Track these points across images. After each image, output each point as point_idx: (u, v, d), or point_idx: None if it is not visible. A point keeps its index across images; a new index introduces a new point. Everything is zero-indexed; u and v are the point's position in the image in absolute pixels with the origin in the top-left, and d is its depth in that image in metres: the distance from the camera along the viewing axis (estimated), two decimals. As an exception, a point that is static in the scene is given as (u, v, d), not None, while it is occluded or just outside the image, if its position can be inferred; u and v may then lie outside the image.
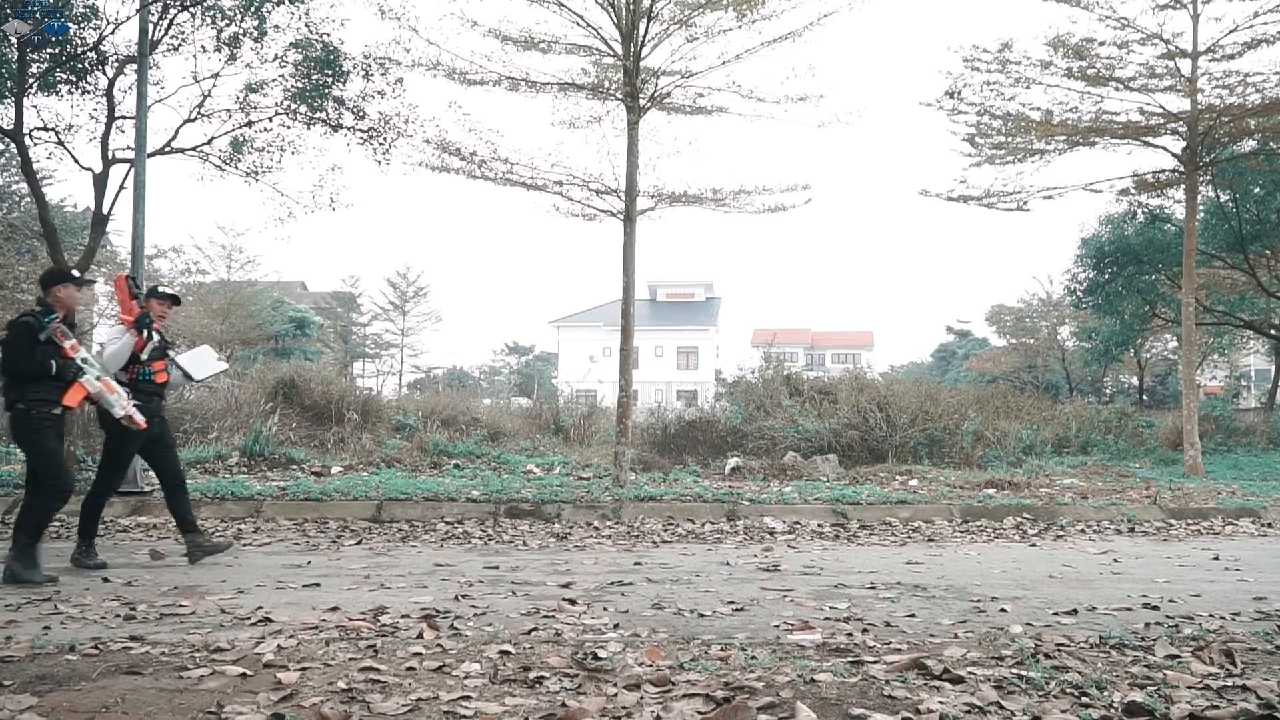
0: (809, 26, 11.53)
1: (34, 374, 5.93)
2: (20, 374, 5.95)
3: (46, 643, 4.14)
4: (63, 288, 6.29)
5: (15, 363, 5.95)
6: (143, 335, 6.74)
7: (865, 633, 4.56)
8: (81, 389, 6.08)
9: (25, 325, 5.98)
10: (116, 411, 6.27)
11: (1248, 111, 14.42)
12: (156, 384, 6.90)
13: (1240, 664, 3.89)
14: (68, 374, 6.03)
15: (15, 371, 5.96)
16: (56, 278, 6.36)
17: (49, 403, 6.00)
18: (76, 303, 6.31)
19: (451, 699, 3.33)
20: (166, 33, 11.98)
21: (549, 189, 12.16)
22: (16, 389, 5.99)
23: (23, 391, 5.98)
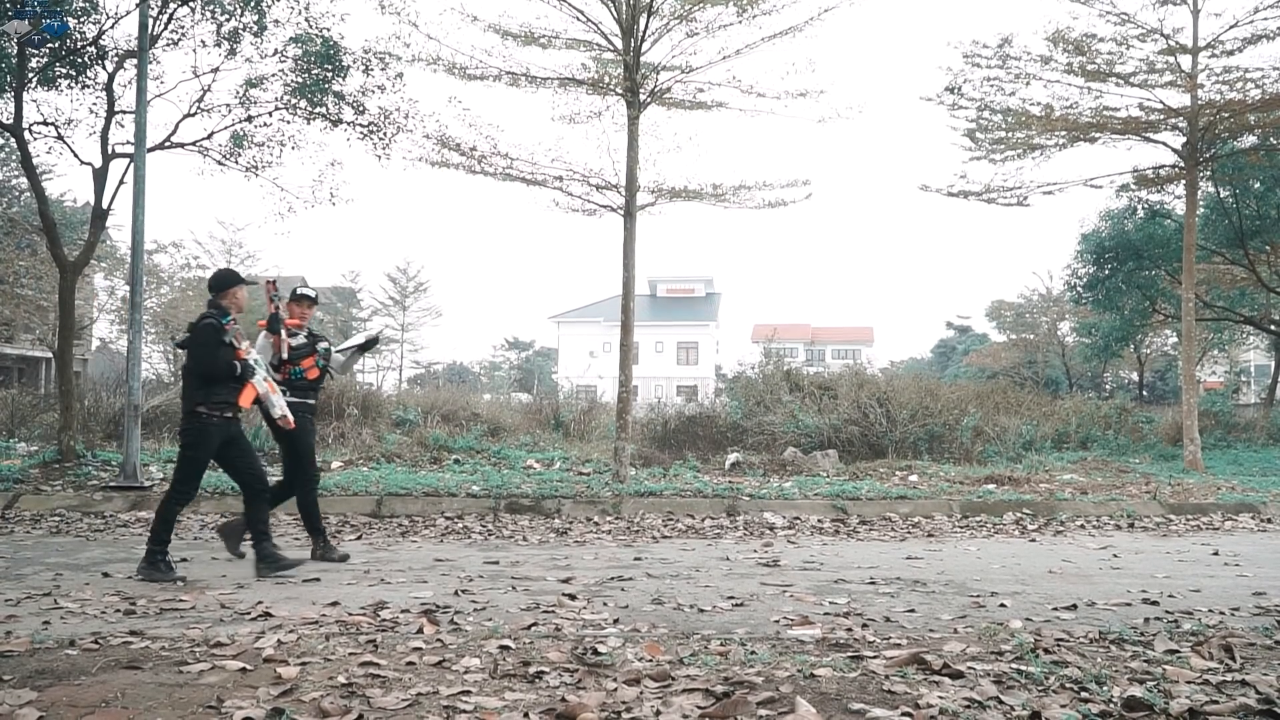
0: (809, 22, 11.51)
1: (222, 374, 6.05)
2: (209, 374, 6.05)
3: (46, 637, 4.14)
4: (238, 289, 6.37)
5: (204, 363, 6.04)
6: (279, 335, 6.85)
7: (865, 628, 4.57)
8: (253, 389, 6.21)
9: (211, 327, 6.09)
10: (275, 411, 6.41)
11: (1248, 107, 14.40)
12: (309, 380, 7.04)
13: (1239, 659, 3.89)
14: (248, 374, 6.16)
15: (204, 371, 6.05)
16: (231, 280, 6.41)
17: (228, 404, 6.13)
18: (243, 305, 6.39)
19: (451, 694, 3.33)
20: (166, 27, 11.97)
21: (549, 184, 12.15)
22: (202, 389, 6.08)
23: (207, 392, 6.08)
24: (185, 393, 6.18)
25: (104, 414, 14.83)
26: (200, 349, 6.04)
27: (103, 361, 41.01)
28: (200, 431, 6.08)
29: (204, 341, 6.04)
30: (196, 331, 6.09)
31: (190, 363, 6.12)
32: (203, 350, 6.03)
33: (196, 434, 6.09)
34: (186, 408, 6.14)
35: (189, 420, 6.11)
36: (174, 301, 35.66)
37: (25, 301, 27.48)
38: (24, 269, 25.66)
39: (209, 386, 6.05)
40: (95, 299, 32.87)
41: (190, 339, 6.12)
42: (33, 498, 9.81)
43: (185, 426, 6.14)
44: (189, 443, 6.13)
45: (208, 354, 6.02)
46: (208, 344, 6.03)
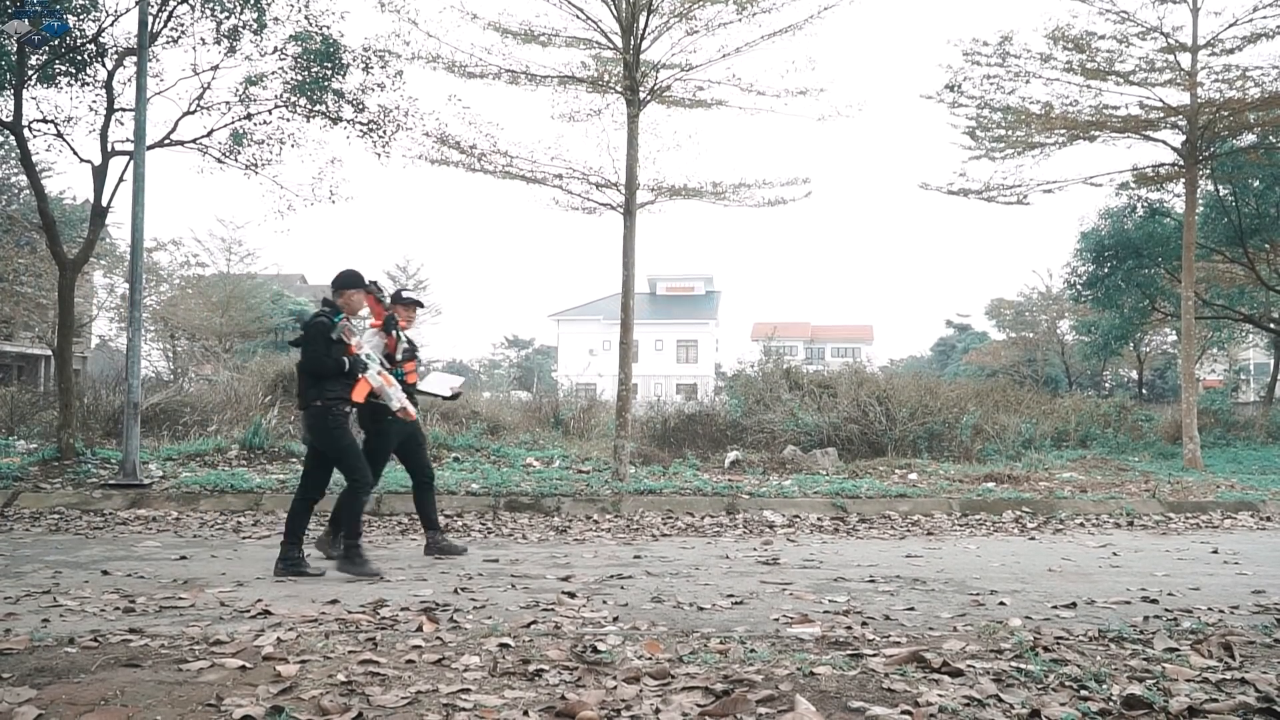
0: (809, 20, 11.50)
1: (332, 371, 6.14)
2: (320, 371, 6.14)
3: (45, 635, 4.14)
4: (355, 292, 6.47)
5: (315, 361, 6.15)
6: (392, 337, 6.96)
7: (864, 626, 4.57)
8: (366, 384, 6.29)
9: (321, 325, 6.19)
10: (394, 405, 6.50)
11: (1247, 106, 14.40)
12: (409, 384, 7.11)
13: (1239, 657, 3.89)
14: (358, 370, 6.25)
15: (315, 369, 6.15)
16: (350, 282, 6.49)
17: (343, 400, 6.21)
18: (361, 306, 6.54)
19: (451, 692, 3.33)
20: (166, 25, 11.97)
21: (549, 182, 12.14)
22: (315, 386, 6.18)
23: (320, 389, 6.17)
24: (300, 389, 6.30)
25: (103, 412, 14.83)
26: (310, 347, 6.17)
27: (102, 359, 41.00)
28: (336, 421, 6.19)
29: (314, 339, 6.17)
30: (307, 330, 6.23)
31: (301, 360, 6.25)
32: (312, 348, 6.16)
33: (330, 425, 6.20)
34: (304, 404, 6.27)
35: (317, 416, 6.20)
36: (173, 299, 35.67)
37: (25, 299, 27.49)
38: (23, 266, 25.65)
39: (321, 383, 6.18)
40: (95, 297, 32.85)
41: (301, 337, 6.26)
42: (32, 495, 9.81)
43: (315, 423, 6.23)
44: (328, 436, 6.22)
45: (317, 352, 6.14)
46: (316, 342, 6.16)
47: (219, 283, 37.54)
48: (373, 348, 6.74)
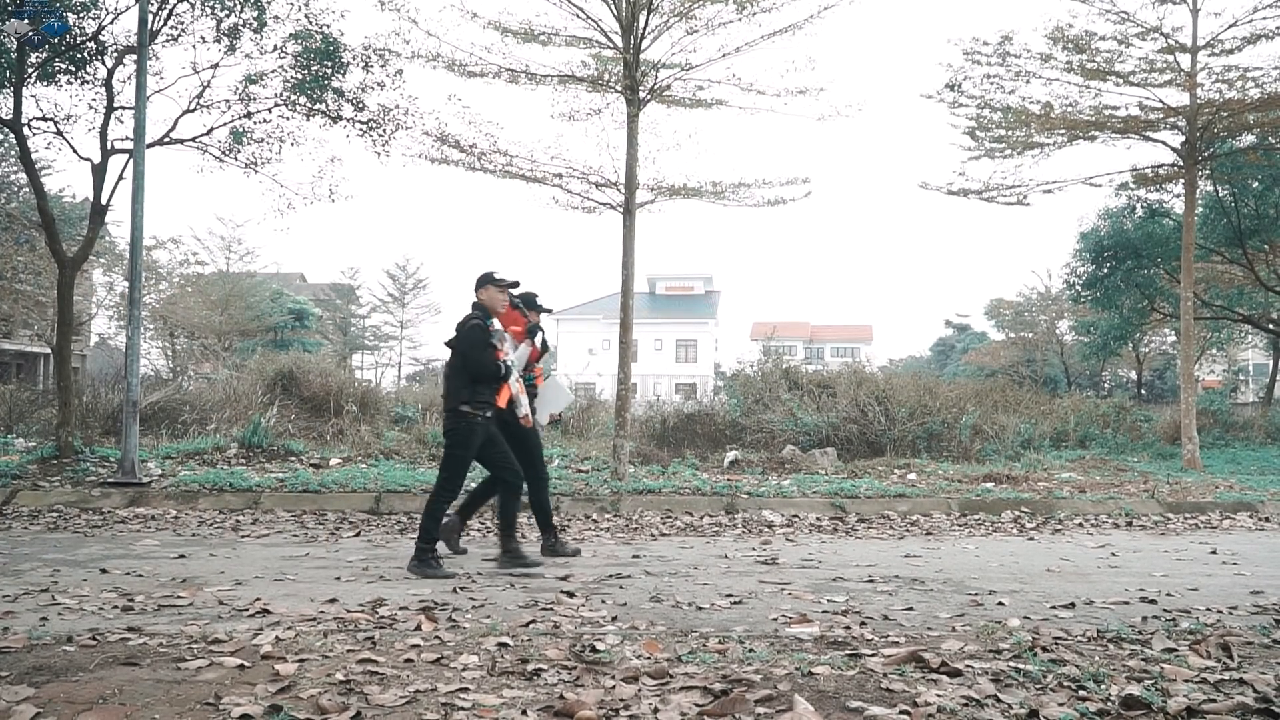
0: (809, 19, 11.50)
1: (491, 374, 6.20)
2: (480, 374, 6.19)
3: (44, 633, 4.14)
4: (484, 290, 6.47)
5: (478, 364, 6.18)
6: (536, 345, 6.97)
7: (863, 626, 4.57)
8: (508, 389, 6.35)
9: (480, 328, 6.24)
10: (520, 411, 6.57)
11: (1247, 106, 14.40)
12: (536, 388, 7.24)
13: (1237, 657, 3.90)
14: (507, 375, 6.31)
15: (476, 372, 6.19)
16: (484, 280, 6.51)
17: (489, 404, 6.25)
18: (500, 303, 6.53)
19: (449, 691, 3.33)
20: (166, 23, 11.95)
21: (548, 181, 12.14)
22: (468, 389, 6.20)
23: (473, 392, 6.20)
24: (449, 392, 6.31)
25: (102, 410, 14.82)
26: (471, 349, 6.20)
27: (101, 357, 41.01)
28: (468, 431, 6.22)
29: (474, 342, 6.20)
30: (465, 332, 6.25)
31: (458, 362, 6.26)
32: (474, 351, 6.19)
33: (464, 433, 6.23)
34: (450, 406, 6.28)
35: (455, 419, 6.24)
36: (173, 298, 35.67)
37: (24, 297, 27.51)
38: (23, 264, 25.66)
39: (474, 386, 6.21)
40: (94, 295, 32.87)
41: (459, 339, 6.27)
42: (30, 493, 9.81)
43: (451, 426, 6.27)
44: (456, 441, 6.27)
45: (478, 354, 6.18)
46: (477, 344, 6.19)
47: (218, 281, 37.57)
48: (517, 355, 6.77)
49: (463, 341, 6.24)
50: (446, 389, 6.38)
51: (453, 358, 6.32)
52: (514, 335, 6.86)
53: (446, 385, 6.38)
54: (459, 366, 6.25)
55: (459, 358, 6.26)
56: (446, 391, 6.37)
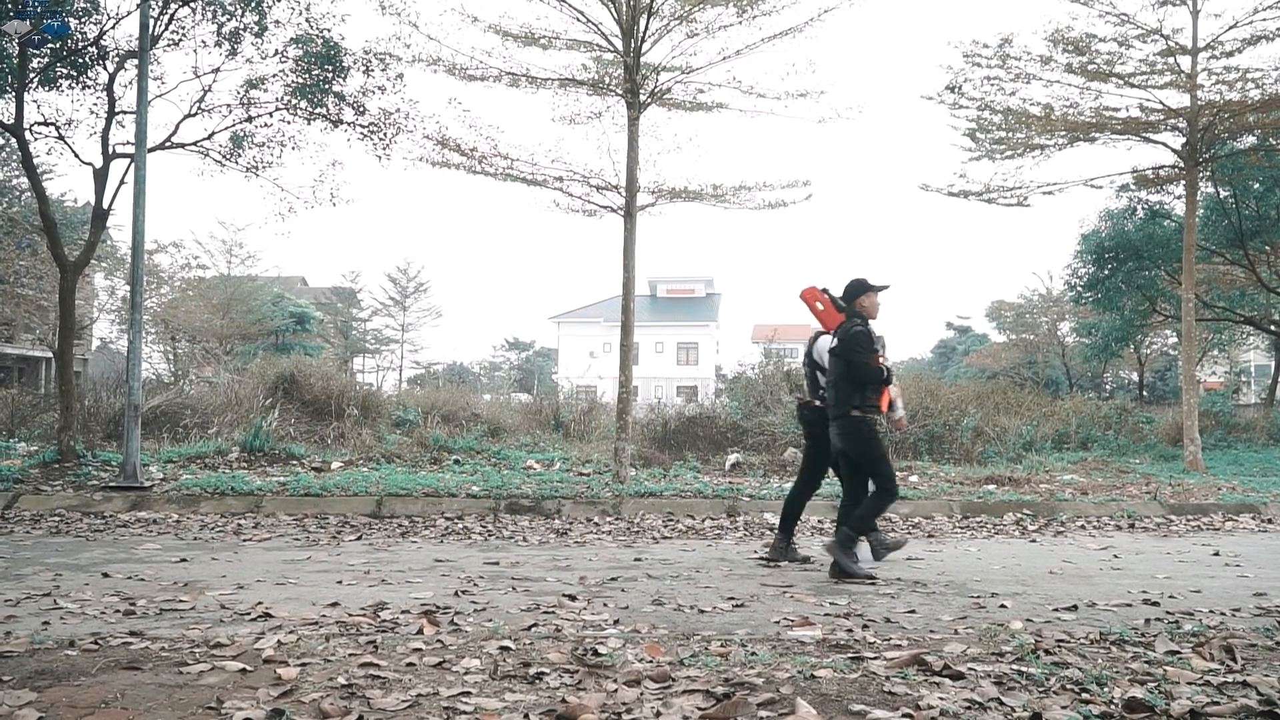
0: (809, 22, 11.51)
1: (877, 378, 6.28)
2: (869, 379, 6.28)
3: (46, 638, 4.14)
4: (867, 297, 6.55)
5: (864, 369, 6.26)
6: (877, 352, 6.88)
7: (865, 629, 4.56)
8: (887, 393, 6.40)
9: (865, 334, 6.33)
10: (896, 414, 6.67)
11: (1247, 107, 14.40)
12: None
13: (1240, 660, 3.89)
14: (889, 380, 6.38)
15: (864, 376, 6.27)
16: (862, 288, 6.57)
17: (875, 407, 6.33)
18: (877, 309, 6.62)
19: (451, 695, 3.33)
20: (167, 28, 11.97)
21: (549, 185, 12.15)
22: (858, 394, 6.29)
23: (863, 397, 6.29)
24: (837, 397, 6.38)
25: (104, 414, 14.83)
26: (858, 355, 6.27)
27: (103, 361, 41.02)
28: (870, 430, 6.34)
29: (863, 348, 6.27)
30: (852, 339, 6.32)
31: (843, 368, 6.33)
32: (860, 356, 6.26)
33: (867, 433, 6.33)
34: (839, 412, 6.36)
35: (851, 424, 6.33)
36: (174, 301, 35.70)
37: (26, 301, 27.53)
38: (24, 269, 25.70)
39: (864, 390, 6.29)
40: (96, 299, 32.89)
41: (846, 346, 6.33)
42: (32, 498, 9.81)
43: (851, 431, 6.34)
44: (860, 442, 6.34)
45: (865, 359, 6.26)
46: (865, 350, 6.27)
47: (220, 285, 37.57)
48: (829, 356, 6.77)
49: (849, 347, 6.32)
50: (834, 395, 6.43)
51: (837, 364, 6.39)
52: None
53: (833, 392, 6.43)
54: (845, 372, 6.33)
55: (844, 363, 6.33)
56: (835, 398, 6.41)
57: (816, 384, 7.02)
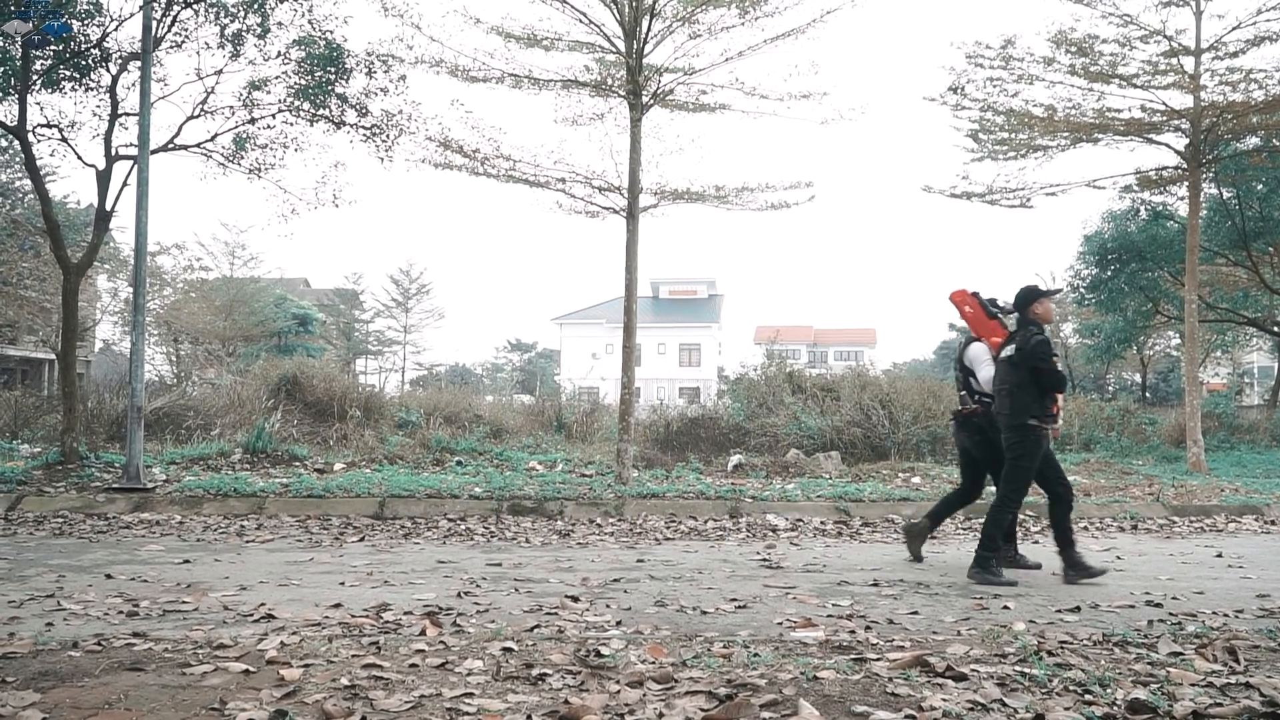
0: (812, 23, 11.51)
1: (1059, 386, 6.31)
2: (1055, 386, 6.29)
3: (49, 639, 4.15)
4: (1040, 303, 6.51)
5: (1053, 377, 6.27)
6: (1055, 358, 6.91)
7: (868, 630, 4.56)
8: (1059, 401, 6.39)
9: (1045, 342, 6.32)
10: (1058, 422, 6.63)
11: (1251, 108, 14.38)
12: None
13: (1244, 661, 3.89)
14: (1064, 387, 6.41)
15: (1051, 384, 6.27)
16: (1034, 295, 6.55)
17: (1051, 416, 6.33)
18: (1052, 315, 6.60)
19: (454, 696, 3.33)
20: (170, 29, 11.98)
21: (551, 186, 12.15)
22: (1037, 402, 6.27)
23: (1041, 405, 6.27)
24: (1014, 406, 6.34)
25: (107, 416, 14.85)
26: (1044, 362, 6.25)
27: (106, 363, 41.07)
28: (1035, 442, 6.30)
29: (1044, 356, 6.25)
30: (1034, 347, 6.28)
31: (1025, 377, 6.28)
32: (1046, 363, 6.25)
33: (1032, 444, 6.30)
34: (1015, 421, 6.33)
35: (1021, 433, 6.30)
36: (177, 303, 35.76)
37: (29, 303, 27.54)
38: (27, 270, 25.73)
39: (1042, 399, 6.27)
40: (98, 301, 32.94)
41: (1029, 354, 6.29)
42: (36, 499, 9.82)
43: (1018, 439, 6.31)
44: (1024, 453, 6.32)
45: (1051, 367, 6.26)
46: (1047, 358, 6.25)
47: (222, 286, 37.63)
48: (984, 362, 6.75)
49: (1033, 356, 6.27)
50: (1009, 404, 6.37)
51: (1014, 373, 6.33)
52: (995, 347, 6.81)
53: (1008, 401, 6.37)
54: (1025, 381, 6.28)
55: (1026, 372, 6.28)
56: (1010, 407, 6.36)
57: (970, 390, 6.94)
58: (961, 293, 7.17)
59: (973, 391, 6.91)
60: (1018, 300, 6.58)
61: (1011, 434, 6.36)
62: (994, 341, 6.85)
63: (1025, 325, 6.46)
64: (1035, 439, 6.28)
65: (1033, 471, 6.38)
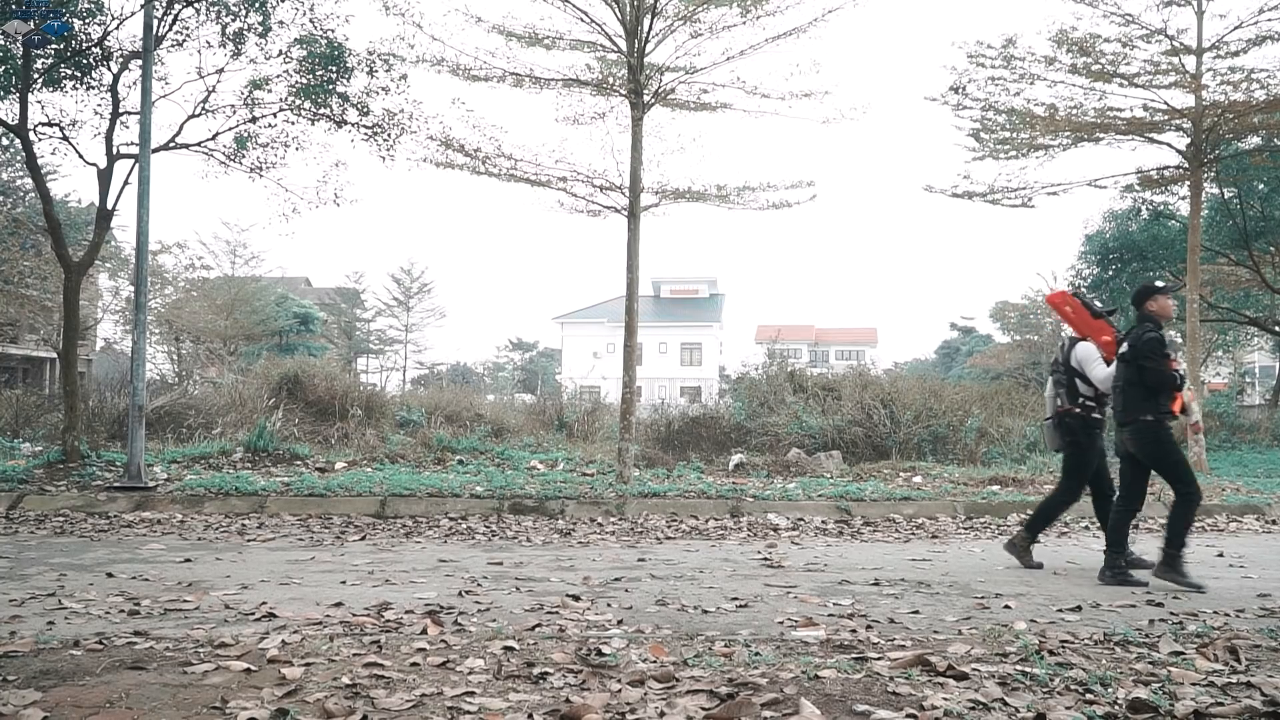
0: (813, 22, 11.51)
1: (1170, 384, 6.21)
2: (1163, 385, 6.21)
3: (51, 638, 4.15)
4: (1155, 300, 6.48)
5: (1159, 375, 6.20)
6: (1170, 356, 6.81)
7: (869, 629, 4.56)
8: (1180, 398, 6.33)
9: (1159, 339, 6.26)
10: (1193, 417, 6.57)
11: (1252, 108, 14.38)
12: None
13: (1245, 661, 3.89)
14: (1181, 385, 6.31)
15: (1159, 383, 6.20)
16: (1151, 291, 6.54)
17: (1170, 413, 6.26)
18: (1170, 312, 6.56)
19: (455, 694, 3.33)
20: (171, 28, 11.98)
21: (553, 185, 12.15)
22: (1150, 400, 6.22)
23: (1155, 404, 6.22)
24: (1126, 403, 6.32)
25: (108, 414, 14.85)
26: (1151, 360, 6.20)
27: (107, 362, 41.06)
28: (1166, 433, 6.24)
29: (1154, 353, 6.20)
30: (1145, 344, 6.24)
31: (1138, 374, 6.25)
32: (1153, 362, 6.20)
33: (1165, 437, 6.24)
34: (1133, 419, 6.28)
35: (1146, 429, 6.23)
36: (178, 302, 35.78)
37: (30, 302, 27.56)
38: (29, 269, 25.72)
39: (1156, 397, 6.22)
40: (100, 299, 32.94)
41: (1139, 351, 6.25)
42: (37, 498, 9.83)
43: (1149, 436, 6.24)
44: (1162, 447, 6.25)
45: (1159, 365, 6.19)
46: (1157, 355, 6.20)
47: (223, 285, 37.66)
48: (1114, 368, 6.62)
49: (1142, 353, 6.23)
50: (1122, 401, 6.35)
51: (1127, 370, 6.31)
52: (1105, 346, 6.78)
53: (1121, 398, 6.36)
54: (1136, 378, 6.25)
55: (1135, 369, 6.26)
56: (1123, 404, 6.34)
57: (1075, 391, 6.86)
58: (1061, 294, 7.16)
59: (1078, 393, 6.84)
60: (1135, 297, 6.58)
61: (1130, 430, 6.31)
62: (1104, 341, 6.80)
63: (1141, 321, 6.44)
64: (1155, 434, 6.20)
65: (1186, 463, 6.31)
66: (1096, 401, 6.80)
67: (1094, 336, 6.88)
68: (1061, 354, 7.04)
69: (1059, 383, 6.98)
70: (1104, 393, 6.73)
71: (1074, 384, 6.87)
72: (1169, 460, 6.26)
